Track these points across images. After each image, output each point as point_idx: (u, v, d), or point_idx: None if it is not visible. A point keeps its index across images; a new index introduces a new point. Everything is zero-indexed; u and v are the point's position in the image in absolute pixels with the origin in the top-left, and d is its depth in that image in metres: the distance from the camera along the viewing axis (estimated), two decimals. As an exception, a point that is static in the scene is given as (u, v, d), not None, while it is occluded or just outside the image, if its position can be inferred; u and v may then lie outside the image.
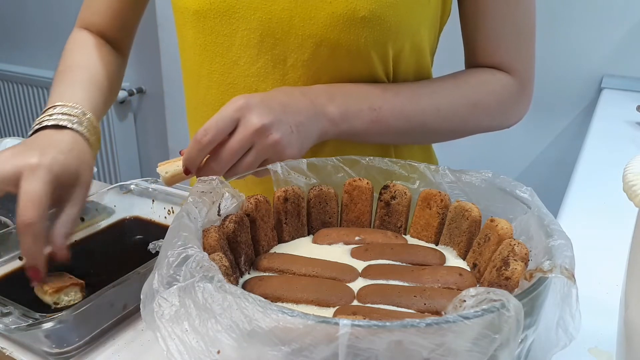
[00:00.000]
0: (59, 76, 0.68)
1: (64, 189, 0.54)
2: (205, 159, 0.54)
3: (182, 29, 0.70)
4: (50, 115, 0.60)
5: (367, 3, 0.59)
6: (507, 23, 0.68)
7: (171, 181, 0.58)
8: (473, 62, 0.72)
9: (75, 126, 0.59)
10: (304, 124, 0.57)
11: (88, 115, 0.62)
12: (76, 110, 0.61)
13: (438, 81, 0.69)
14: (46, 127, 0.59)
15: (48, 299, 0.52)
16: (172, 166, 0.57)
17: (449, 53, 0.80)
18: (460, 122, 0.68)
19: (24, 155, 0.52)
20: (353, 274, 0.45)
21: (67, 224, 0.54)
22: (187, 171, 0.55)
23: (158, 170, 0.58)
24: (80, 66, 0.70)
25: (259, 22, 0.63)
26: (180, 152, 0.56)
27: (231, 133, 0.53)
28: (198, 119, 0.73)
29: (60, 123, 0.59)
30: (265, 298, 0.30)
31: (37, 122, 0.60)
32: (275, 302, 0.40)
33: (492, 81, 0.70)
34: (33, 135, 0.59)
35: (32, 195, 0.50)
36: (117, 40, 0.78)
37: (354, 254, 0.48)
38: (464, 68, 0.74)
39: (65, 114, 0.60)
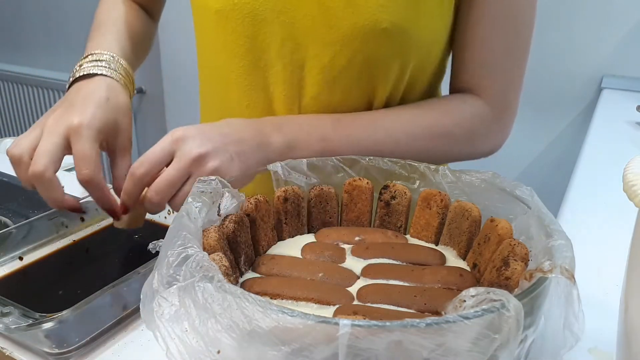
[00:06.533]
0: (91, 33, 0.71)
1: (109, 138, 0.60)
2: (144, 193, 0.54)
3: (201, 28, 0.70)
4: (80, 66, 0.63)
5: (389, 15, 0.59)
6: (498, 49, 0.65)
7: (127, 224, 0.59)
8: (453, 83, 0.71)
9: (105, 71, 0.62)
10: (246, 152, 0.56)
11: (117, 59, 0.65)
12: (105, 56, 0.64)
13: (400, 110, 0.66)
14: (79, 78, 0.62)
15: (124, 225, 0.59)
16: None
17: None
18: (421, 152, 0.65)
19: (66, 117, 0.56)
20: (352, 279, 0.45)
21: (122, 177, 0.59)
22: (123, 207, 0.56)
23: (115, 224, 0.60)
24: (112, 21, 0.72)
25: (281, 26, 0.62)
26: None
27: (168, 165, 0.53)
28: (213, 118, 0.72)
29: (91, 71, 0.62)
30: (265, 295, 0.30)
31: (71, 76, 0.63)
32: (275, 299, 0.40)
33: (459, 110, 0.67)
34: (69, 90, 0.62)
35: (82, 154, 0.55)
36: (150, 5, 0.81)
37: (355, 251, 0.48)
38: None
39: (94, 60, 0.63)
